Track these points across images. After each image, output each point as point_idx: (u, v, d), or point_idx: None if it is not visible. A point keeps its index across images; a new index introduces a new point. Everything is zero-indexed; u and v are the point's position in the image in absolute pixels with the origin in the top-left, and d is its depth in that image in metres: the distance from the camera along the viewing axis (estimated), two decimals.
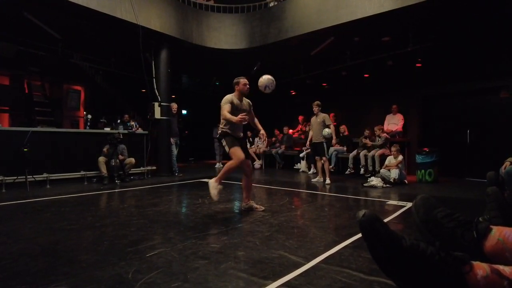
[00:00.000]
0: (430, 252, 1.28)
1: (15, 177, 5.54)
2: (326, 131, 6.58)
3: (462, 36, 7.09)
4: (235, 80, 4.11)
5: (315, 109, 6.79)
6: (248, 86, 4.05)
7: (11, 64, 8.67)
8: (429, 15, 6.32)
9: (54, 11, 6.45)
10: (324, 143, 6.63)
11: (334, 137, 6.79)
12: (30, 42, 8.17)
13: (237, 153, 3.70)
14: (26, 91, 9.37)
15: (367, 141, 7.77)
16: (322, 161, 6.75)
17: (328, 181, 6.62)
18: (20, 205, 4.35)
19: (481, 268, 1.25)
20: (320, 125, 6.66)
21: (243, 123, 3.72)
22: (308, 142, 7.21)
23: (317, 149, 6.75)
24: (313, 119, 6.89)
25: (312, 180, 6.93)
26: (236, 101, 3.95)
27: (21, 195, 5.02)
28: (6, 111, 9.63)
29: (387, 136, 7.65)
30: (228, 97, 3.94)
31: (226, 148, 3.83)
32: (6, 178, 5.49)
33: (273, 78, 4.06)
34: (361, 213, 1.39)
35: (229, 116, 3.70)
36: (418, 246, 1.30)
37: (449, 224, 1.49)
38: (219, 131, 3.99)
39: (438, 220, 1.52)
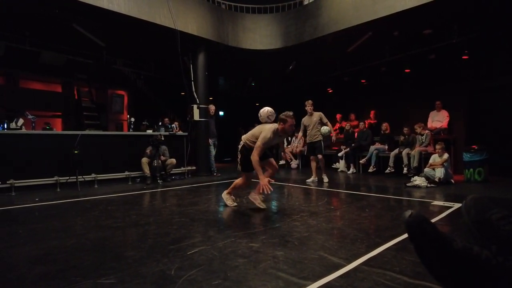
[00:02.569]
0: (486, 257, 1.19)
1: (68, 177, 5.95)
2: (325, 128, 6.48)
3: (510, 24, 6.56)
4: (282, 116, 3.79)
5: (309, 108, 6.69)
6: (294, 128, 3.86)
7: (62, 72, 9.33)
8: (474, 3, 5.92)
9: (99, 21, 6.85)
10: (322, 141, 6.58)
11: (333, 133, 6.63)
12: (77, 51, 8.73)
13: (248, 176, 4.07)
14: (76, 97, 10.03)
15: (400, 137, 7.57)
16: (317, 159, 6.66)
17: (325, 179, 6.52)
18: (72, 203, 4.67)
19: None
20: (317, 124, 6.58)
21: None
22: (302, 143, 7.05)
23: (315, 147, 6.65)
24: (306, 119, 6.79)
25: (306, 181, 6.68)
26: (273, 137, 3.77)
27: (72, 194, 5.39)
28: (59, 116, 10.38)
29: (430, 133, 7.27)
30: (273, 129, 3.77)
31: (239, 166, 4.02)
32: (60, 178, 5.92)
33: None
34: (408, 213, 1.32)
35: (257, 164, 3.66)
36: (472, 249, 1.22)
37: (506, 226, 1.38)
38: (243, 143, 3.98)
39: (493, 223, 1.41)
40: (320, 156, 6.64)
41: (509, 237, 1.35)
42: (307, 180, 6.71)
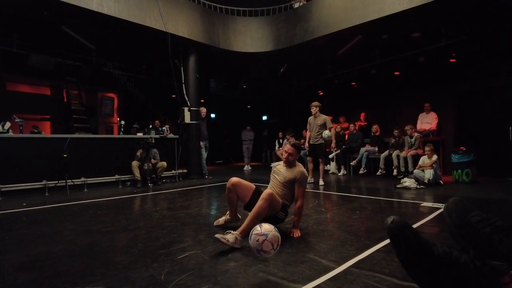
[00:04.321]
0: (464, 261, 1.21)
1: (57, 181, 5.87)
2: (326, 133, 6.49)
3: (499, 27, 6.69)
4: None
5: (314, 110, 6.70)
6: (286, 155, 3.23)
7: (51, 75, 9.20)
8: (462, 7, 6.03)
9: (88, 23, 6.78)
10: (324, 145, 6.61)
11: (333, 140, 6.64)
12: (67, 54, 8.63)
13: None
14: (65, 100, 9.90)
15: (391, 139, 7.65)
16: (319, 162, 6.69)
17: (321, 182, 6.53)
18: (61, 208, 4.60)
19: None
20: (320, 127, 6.58)
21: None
22: (306, 144, 7.04)
23: (316, 151, 6.65)
24: (311, 120, 6.78)
25: None
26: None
27: (61, 198, 5.31)
28: (47, 120, 10.23)
29: (420, 136, 7.38)
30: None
31: None
32: (48, 182, 5.84)
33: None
34: (390, 219, 1.35)
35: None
36: (451, 254, 1.24)
37: (485, 229, 1.40)
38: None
39: (473, 225, 1.43)
40: (321, 160, 6.65)
41: (488, 240, 1.37)
42: None
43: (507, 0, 5.62)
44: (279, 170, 3.28)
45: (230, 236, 2.58)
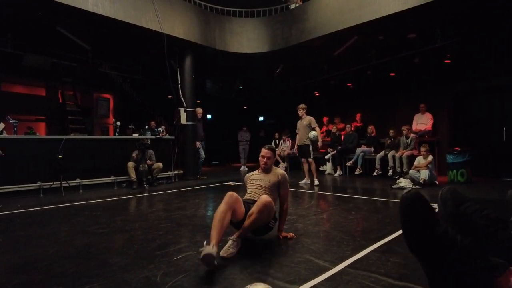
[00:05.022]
0: (462, 246, 1.22)
1: (51, 183, 5.83)
2: (312, 133, 6.58)
3: (494, 27, 6.75)
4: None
5: (300, 112, 6.81)
6: (264, 160, 3.06)
7: (46, 76, 9.15)
8: (457, 8, 6.08)
9: (84, 24, 6.75)
10: (310, 145, 6.67)
11: (320, 140, 6.73)
12: (62, 54, 8.58)
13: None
14: (60, 101, 9.84)
15: (387, 140, 7.72)
16: (308, 163, 6.77)
17: (316, 182, 6.59)
18: (56, 209, 4.57)
19: None
20: (306, 128, 6.68)
21: None
22: (296, 146, 7.16)
23: (303, 151, 6.75)
24: (299, 122, 6.90)
25: (299, 182, 6.82)
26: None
27: (57, 199, 5.28)
28: (42, 121, 10.16)
29: (416, 136, 7.42)
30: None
31: None
32: (43, 183, 5.79)
33: None
34: (408, 189, 1.37)
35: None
36: (454, 238, 1.24)
37: (480, 221, 1.41)
38: None
39: (467, 215, 1.44)
40: (310, 160, 6.71)
41: (483, 231, 1.38)
42: (300, 182, 6.83)
43: (501, 1, 5.67)
44: (258, 177, 3.10)
45: (232, 247, 2.47)
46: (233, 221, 2.69)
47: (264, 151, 3.10)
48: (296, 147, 7.07)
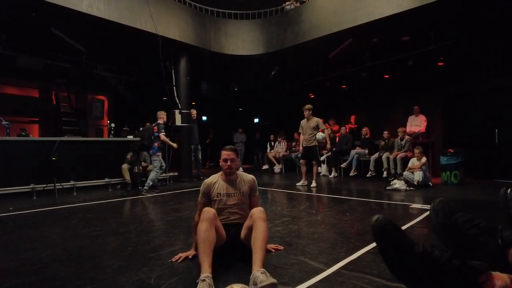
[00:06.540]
0: (444, 260, 1.24)
1: (45, 185, 5.78)
2: (320, 135, 6.55)
3: (486, 31, 6.83)
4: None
5: (306, 113, 6.76)
6: (228, 164, 2.58)
7: (40, 77, 9.08)
8: (450, 12, 6.15)
9: (78, 25, 6.72)
10: (317, 147, 6.65)
11: (328, 142, 6.70)
12: (56, 56, 8.53)
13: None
14: (54, 102, 9.78)
15: (381, 142, 7.77)
16: (312, 164, 6.73)
17: (314, 184, 6.57)
18: (49, 212, 4.53)
19: (499, 279, 1.20)
20: (313, 130, 6.63)
21: None
22: (300, 147, 7.04)
23: (310, 153, 6.69)
24: (304, 123, 6.83)
25: (296, 184, 6.81)
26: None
27: (50, 202, 5.23)
28: (36, 122, 10.09)
29: (410, 139, 7.48)
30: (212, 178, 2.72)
31: None
32: (36, 186, 5.74)
33: None
34: (375, 217, 1.39)
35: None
36: (432, 253, 1.27)
37: (470, 230, 1.44)
38: None
39: (458, 226, 1.47)
40: (314, 162, 6.69)
41: (474, 241, 1.40)
42: (297, 184, 6.82)
43: (493, 4, 5.74)
44: (222, 188, 2.57)
45: (263, 276, 1.84)
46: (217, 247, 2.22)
47: (225, 153, 2.56)
48: (301, 147, 6.96)
